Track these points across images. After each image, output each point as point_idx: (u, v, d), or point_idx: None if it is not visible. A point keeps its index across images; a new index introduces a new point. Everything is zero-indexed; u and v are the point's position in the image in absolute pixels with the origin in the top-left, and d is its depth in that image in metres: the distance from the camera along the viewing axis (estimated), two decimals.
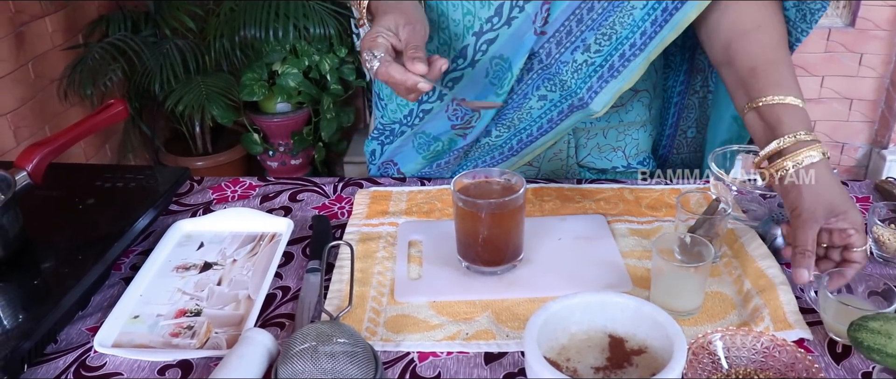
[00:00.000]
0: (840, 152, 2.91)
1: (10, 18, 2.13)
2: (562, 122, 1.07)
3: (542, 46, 1.01)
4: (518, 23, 0.98)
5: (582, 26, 0.99)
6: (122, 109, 1.01)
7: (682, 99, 1.20)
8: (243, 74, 2.57)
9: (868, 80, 2.74)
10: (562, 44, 1.01)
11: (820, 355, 0.77)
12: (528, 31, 0.98)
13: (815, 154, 0.85)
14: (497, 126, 1.10)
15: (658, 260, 0.81)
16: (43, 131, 2.26)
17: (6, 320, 0.79)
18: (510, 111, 1.08)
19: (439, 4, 1.01)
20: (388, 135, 1.18)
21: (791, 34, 1.03)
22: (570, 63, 1.02)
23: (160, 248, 0.95)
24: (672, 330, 0.69)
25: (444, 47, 1.04)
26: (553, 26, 0.99)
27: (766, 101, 0.90)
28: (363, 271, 0.91)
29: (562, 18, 0.99)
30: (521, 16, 0.98)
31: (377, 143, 1.20)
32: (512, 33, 0.99)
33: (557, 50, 1.01)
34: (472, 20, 1.00)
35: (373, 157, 1.22)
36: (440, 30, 1.03)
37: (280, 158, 2.82)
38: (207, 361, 0.77)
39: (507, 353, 0.78)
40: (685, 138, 1.24)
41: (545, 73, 1.03)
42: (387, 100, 1.16)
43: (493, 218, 0.86)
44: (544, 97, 1.06)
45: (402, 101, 1.12)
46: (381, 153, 1.20)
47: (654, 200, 1.06)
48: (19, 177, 0.89)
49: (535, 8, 0.97)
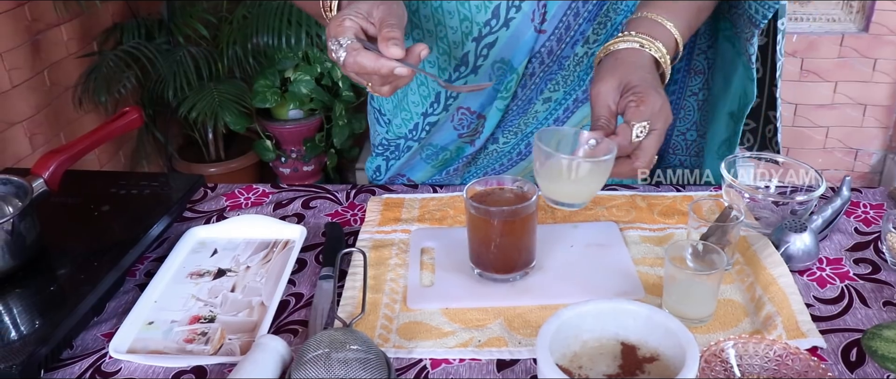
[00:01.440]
0: (854, 158, 2.89)
1: (27, 27, 2.15)
2: (567, 120, 1.07)
3: (542, 45, 1.01)
4: (516, 23, 0.98)
5: (579, 19, 0.99)
6: (137, 117, 1.03)
7: (679, 100, 1.19)
8: (256, 81, 2.58)
9: (882, 85, 2.73)
10: (562, 40, 1.01)
11: (833, 364, 0.77)
12: (528, 30, 0.98)
13: (632, 43, 0.88)
14: (504, 133, 1.10)
15: (670, 267, 0.81)
16: (58, 138, 2.29)
17: (23, 326, 0.80)
18: (516, 117, 1.08)
19: (434, 13, 1.00)
20: (394, 151, 1.17)
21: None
22: (571, 57, 1.02)
23: (174, 254, 0.96)
24: (684, 337, 0.69)
25: (444, 56, 1.04)
26: (552, 23, 0.99)
27: (643, 14, 0.93)
28: (376, 278, 0.91)
29: (559, 14, 0.99)
30: (518, 16, 0.98)
31: (382, 159, 1.19)
32: (511, 34, 0.99)
33: (559, 46, 1.01)
34: (469, 26, 1.00)
35: (378, 173, 1.21)
36: (438, 40, 1.03)
37: (292, 165, 2.83)
38: (221, 367, 0.78)
39: (519, 360, 0.78)
40: (684, 140, 1.23)
41: (547, 73, 1.03)
42: (390, 115, 1.15)
43: (506, 225, 0.86)
44: (549, 99, 1.06)
45: (406, 116, 1.11)
46: (387, 169, 1.19)
47: (666, 208, 1.06)
48: (36, 184, 0.90)
49: (533, 6, 0.97)
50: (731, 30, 1.09)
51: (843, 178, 1.02)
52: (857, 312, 0.84)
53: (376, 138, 1.20)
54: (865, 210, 1.04)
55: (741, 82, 1.08)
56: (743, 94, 1.08)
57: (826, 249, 0.96)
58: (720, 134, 1.15)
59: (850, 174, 2.88)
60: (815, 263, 0.92)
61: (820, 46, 2.66)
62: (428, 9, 1.00)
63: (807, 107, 2.79)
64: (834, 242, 0.97)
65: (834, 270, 0.91)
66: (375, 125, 1.20)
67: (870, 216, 1.03)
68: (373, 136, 1.22)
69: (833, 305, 0.85)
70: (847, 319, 0.83)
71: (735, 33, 1.06)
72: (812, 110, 2.80)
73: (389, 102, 1.14)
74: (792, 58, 2.64)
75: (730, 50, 1.10)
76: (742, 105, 1.08)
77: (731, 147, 1.13)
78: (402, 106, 1.11)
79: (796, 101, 2.78)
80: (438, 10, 1.00)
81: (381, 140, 1.17)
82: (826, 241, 0.97)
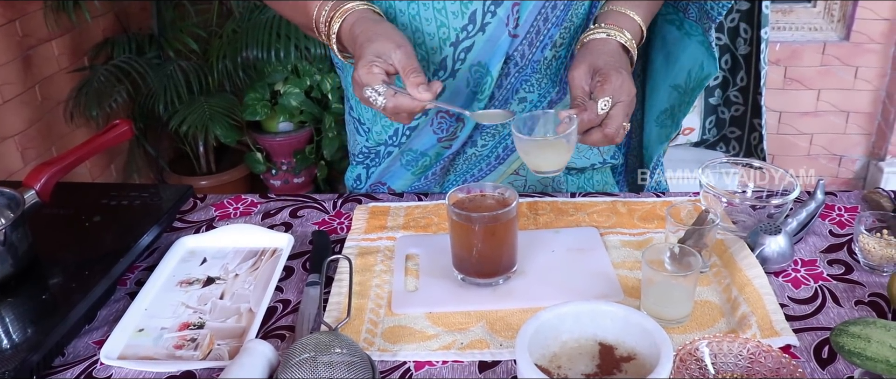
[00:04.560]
0: (838, 165, 2.93)
1: (18, 42, 2.17)
2: None
3: (515, 49, 1.05)
4: (491, 28, 1.02)
5: (548, 24, 1.05)
6: (127, 129, 1.04)
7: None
8: (246, 94, 2.61)
9: (864, 92, 2.77)
10: (533, 44, 1.06)
11: (806, 361, 0.79)
12: (503, 34, 1.02)
13: (600, 33, 1.01)
14: (481, 135, 1.14)
15: (648, 270, 0.84)
16: (49, 152, 2.30)
17: (15, 334, 0.81)
18: None
19: (412, 21, 1.04)
20: (374, 157, 1.19)
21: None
22: (541, 61, 1.08)
23: (164, 263, 0.98)
24: (659, 337, 0.71)
25: (423, 62, 1.06)
26: (524, 28, 1.04)
27: (609, 7, 1.05)
28: (361, 284, 0.93)
29: (530, 19, 1.04)
30: (494, 21, 1.02)
31: (362, 167, 1.22)
32: (487, 38, 1.03)
33: (530, 50, 1.06)
34: (446, 31, 1.03)
35: (358, 182, 1.23)
36: (417, 46, 1.05)
37: (283, 177, 2.85)
38: (210, 371, 0.80)
39: (500, 361, 0.80)
40: (635, 119, 1.31)
41: (521, 75, 1.08)
42: (370, 123, 1.18)
43: (487, 230, 0.88)
44: (523, 99, 1.10)
45: (387, 123, 1.14)
46: (367, 177, 1.22)
47: (646, 213, 1.08)
48: (28, 196, 0.92)
49: (507, 10, 1.01)
50: (675, 14, 1.20)
51: (817, 181, 1.05)
52: (830, 312, 0.86)
53: (356, 148, 1.22)
54: (840, 213, 1.07)
55: (692, 58, 1.18)
56: (697, 67, 1.18)
57: (801, 250, 0.98)
58: (660, 104, 1.26)
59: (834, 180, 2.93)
60: (790, 265, 0.95)
61: (802, 55, 2.70)
62: (406, 16, 1.03)
63: (791, 114, 2.83)
64: (809, 244, 1.00)
65: (808, 271, 0.94)
66: (355, 135, 1.22)
67: (844, 219, 1.05)
68: (352, 146, 1.25)
69: (807, 304, 0.88)
70: (820, 318, 0.85)
71: (685, 17, 1.18)
72: (796, 118, 2.84)
73: (369, 111, 1.17)
74: (775, 66, 2.68)
75: (673, 31, 1.21)
76: (698, 77, 1.18)
77: (674, 116, 1.23)
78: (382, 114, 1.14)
79: (780, 109, 2.81)
80: (416, 18, 1.03)
81: (361, 148, 1.20)
82: (801, 243, 1.00)
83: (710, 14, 1.13)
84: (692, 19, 1.16)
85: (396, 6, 1.03)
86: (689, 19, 1.17)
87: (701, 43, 1.16)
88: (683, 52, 1.20)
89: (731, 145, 2.45)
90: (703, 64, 1.17)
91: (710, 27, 1.14)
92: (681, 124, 1.22)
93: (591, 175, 1.22)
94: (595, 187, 1.23)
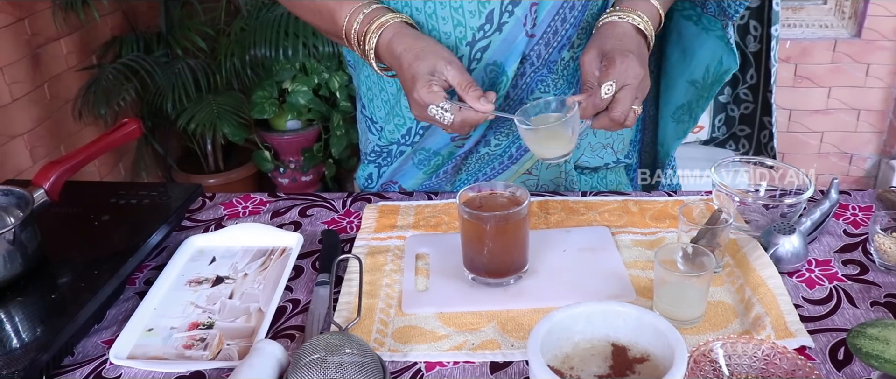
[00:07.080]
0: (849, 163, 2.91)
1: (27, 41, 2.17)
2: None
3: (532, 49, 1.04)
4: (509, 27, 1.01)
5: (566, 25, 1.04)
6: (136, 128, 1.04)
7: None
8: (254, 93, 2.60)
9: (875, 90, 2.75)
10: (549, 44, 1.05)
11: (821, 363, 0.78)
12: (520, 33, 1.01)
13: (612, 17, 0.99)
14: (495, 134, 1.13)
15: (660, 270, 0.83)
16: (58, 151, 2.30)
17: (25, 334, 0.81)
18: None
19: (429, 20, 1.03)
20: (386, 156, 1.19)
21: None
22: (558, 62, 1.07)
23: (173, 262, 0.98)
24: (673, 338, 0.70)
25: None
26: (541, 28, 1.03)
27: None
28: (371, 284, 0.92)
29: (548, 19, 1.03)
30: (511, 20, 1.01)
31: (374, 166, 1.21)
32: (504, 38, 1.02)
33: (546, 50, 1.05)
34: (463, 31, 1.03)
35: (370, 180, 1.23)
36: None
37: (291, 175, 2.85)
38: (219, 372, 0.79)
39: (512, 362, 0.79)
40: (648, 115, 1.30)
41: (537, 75, 1.07)
42: (383, 122, 1.17)
43: (498, 230, 0.87)
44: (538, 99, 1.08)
45: (399, 122, 1.14)
46: (379, 176, 1.22)
47: (658, 212, 1.07)
48: (37, 194, 0.92)
49: (525, 10, 1.00)
50: (693, 9, 1.19)
51: (831, 180, 1.04)
52: (845, 312, 0.85)
53: (368, 146, 1.22)
54: (854, 212, 1.05)
55: (710, 53, 1.17)
56: (716, 62, 1.17)
57: (815, 250, 0.97)
58: (677, 99, 1.25)
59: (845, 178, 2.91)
60: (804, 265, 0.94)
61: (813, 52, 2.68)
62: (422, 15, 1.02)
63: (801, 112, 2.81)
64: (823, 244, 0.98)
65: (823, 272, 0.93)
66: (367, 133, 1.22)
67: (859, 218, 1.04)
68: (364, 145, 1.25)
69: (821, 305, 0.87)
70: (835, 319, 0.84)
71: (704, 12, 1.17)
72: (806, 116, 2.82)
73: (382, 109, 1.16)
74: (786, 64, 2.66)
75: (691, 27, 1.20)
76: (717, 72, 1.17)
77: (691, 111, 1.22)
78: (395, 112, 1.13)
79: (791, 106, 2.79)
80: (433, 17, 1.02)
81: (373, 147, 1.20)
82: (815, 243, 0.99)
83: (726, 11, 1.12)
84: (711, 14, 1.16)
85: (412, 5, 1.02)
86: (708, 14, 1.17)
87: (720, 38, 1.15)
88: (701, 48, 1.19)
89: (740, 143, 2.44)
90: (722, 59, 1.16)
91: (728, 24, 1.13)
92: (698, 119, 1.22)
93: (604, 175, 1.21)
94: (608, 187, 1.22)
